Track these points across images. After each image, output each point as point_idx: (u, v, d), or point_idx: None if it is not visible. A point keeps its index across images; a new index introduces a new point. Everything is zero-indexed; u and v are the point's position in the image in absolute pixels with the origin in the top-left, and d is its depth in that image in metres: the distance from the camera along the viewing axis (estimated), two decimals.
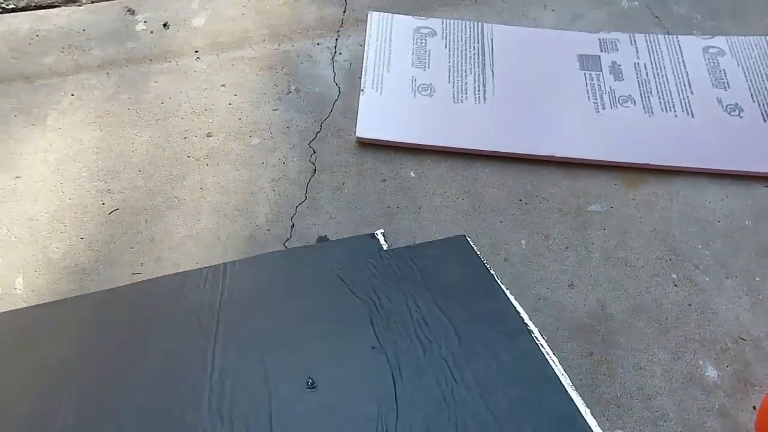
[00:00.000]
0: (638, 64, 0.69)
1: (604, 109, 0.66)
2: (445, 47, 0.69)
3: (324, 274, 0.49)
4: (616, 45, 0.70)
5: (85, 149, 0.59)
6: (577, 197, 0.62)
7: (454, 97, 0.65)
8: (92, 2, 0.70)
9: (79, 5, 0.70)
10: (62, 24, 0.67)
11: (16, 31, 0.66)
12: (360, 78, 0.65)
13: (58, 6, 0.70)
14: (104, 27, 0.68)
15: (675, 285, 0.57)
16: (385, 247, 0.53)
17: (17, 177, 0.57)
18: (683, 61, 0.69)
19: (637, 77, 0.68)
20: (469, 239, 0.54)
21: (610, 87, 0.67)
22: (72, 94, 0.63)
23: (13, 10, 0.69)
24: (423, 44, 0.69)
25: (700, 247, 0.59)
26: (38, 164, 0.58)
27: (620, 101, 0.66)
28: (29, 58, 0.64)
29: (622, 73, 0.68)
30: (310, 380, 0.42)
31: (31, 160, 0.58)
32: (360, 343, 0.44)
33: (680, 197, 0.61)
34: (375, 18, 0.70)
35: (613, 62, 0.69)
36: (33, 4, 0.70)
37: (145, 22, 0.68)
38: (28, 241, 0.54)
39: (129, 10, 0.69)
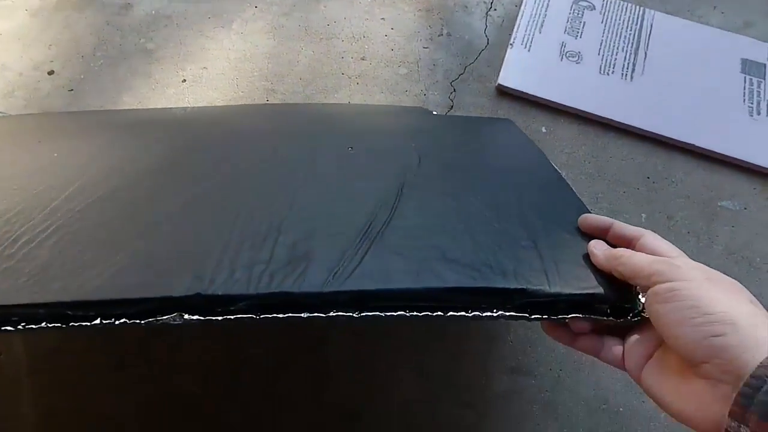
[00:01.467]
0: None
1: (759, 114, 0.61)
2: (602, 22, 0.67)
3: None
4: None
5: (260, 53, 0.66)
6: (710, 190, 0.58)
7: (600, 69, 0.63)
8: None
9: None
10: None
11: None
12: (510, 34, 0.66)
13: None
14: None
15: None
16: None
17: (204, 68, 0.64)
18: None
19: None
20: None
21: None
22: (256, 6, 0.69)
23: None
24: (580, 15, 0.67)
25: None
26: (221, 60, 0.65)
27: None
28: None
29: None
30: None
31: (216, 56, 0.65)
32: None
33: None
34: None
35: None
36: None
37: None
38: None
39: None
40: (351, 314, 0.28)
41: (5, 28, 0.67)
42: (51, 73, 0.64)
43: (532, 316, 0.29)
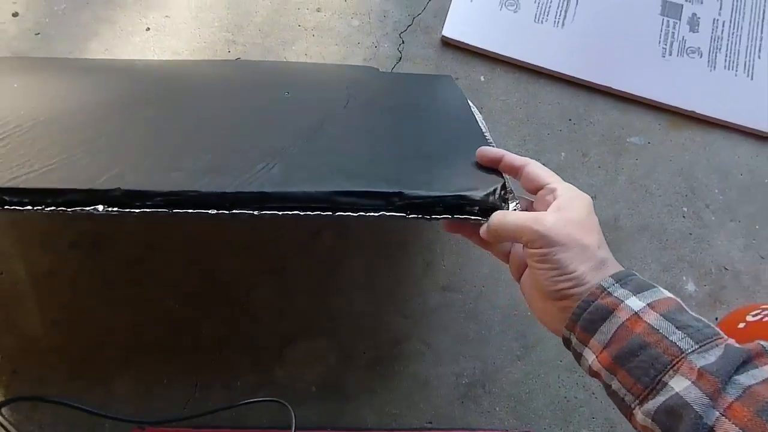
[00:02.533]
0: (717, 20, 0.68)
1: (670, 55, 0.67)
2: None
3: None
4: None
5: (220, 3, 0.66)
6: (621, 128, 0.65)
7: (535, 18, 0.68)
8: None
9: None
10: None
11: None
12: None
13: None
14: None
15: (683, 216, 0.62)
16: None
17: (166, 16, 0.65)
18: (762, 26, 0.68)
19: (712, 33, 0.68)
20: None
21: (683, 37, 0.67)
22: None
23: None
24: None
25: (716, 191, 0.63)
26: (183, 9, 0.66)
27: (688, 51, 0.67)
28: None
29: (698, 25, 0.68)
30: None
31: (179, 4, 0.66)
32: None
33: (714, 147, 0.64)
34: None
35: (694, 14, 0.68)
36: None
37: None
38: None
39: None
40: (252, 212, 0.32)
41: None
42: (15, 15, 0.64)
43: (409, 216, 0.33)
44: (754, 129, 0.64)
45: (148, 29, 0.65)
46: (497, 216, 0.34)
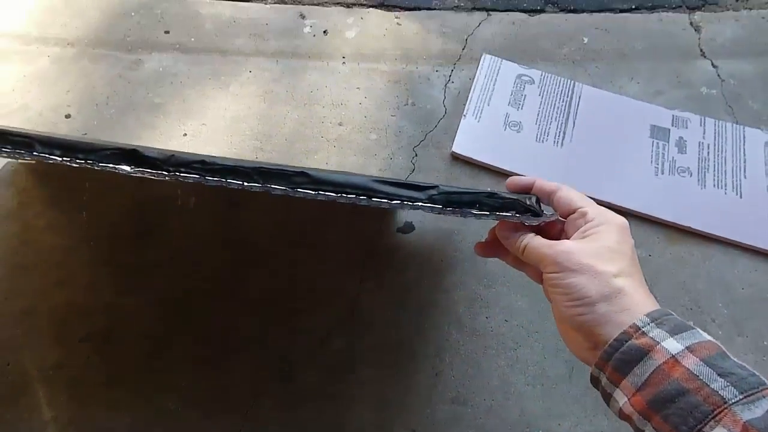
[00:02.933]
0: (702, 143, 0.74)
1: (663, 174, 0.72)
2: (539, 95, 0.77)
3: None
4: (686, 123, 0.75)
5: (251, 114, 0.73)
6: None
7: (536, 137, 0.74)
8: (275, 3, 0.85)
9: (266, 4, 0.84)
10: (253, 16, 0.82)
11: (221, 15, 0.81)
12: (464, 105, 0.75)
13: (251, 2, 0.85)
14: (281, 25, 0.82)
15: None
16: None
17: (203, 124, 0.72)
18: (744, 149, 0.73)
19: (699, 154, 0.73)
20: None
21: (673, 157, 0.73)
22: (250, 71, 0.77)
23: None
24: (521, 89, 0.78)
25: (720, 305, 0.63)
26: (218, 118, 0.72)
27: (678, 171, 0.72)
28: (226, 38, 0.79)
29: (686, 147, 0.74)
30: None
31: (214, 114, 0.73)
32: None
33: (713, 261, 0.66)
34: (487, 59, 0.80)
35: (680, 137, 0.74)
36: None
37: (311, 26, 0.82)
38: None
39: (301, 15, 0.83)
40: (287, 189, 0.34)
41: (28, 71, 0.73)
42: (68, 116, 0.71)
43: (447, 209, 0.34)
44: (750, 245, 0.67)
45: (185, 135, 0.71)
46: (526, 238, 0.35)
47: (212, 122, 0.72)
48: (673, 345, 0.27)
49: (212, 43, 0.78)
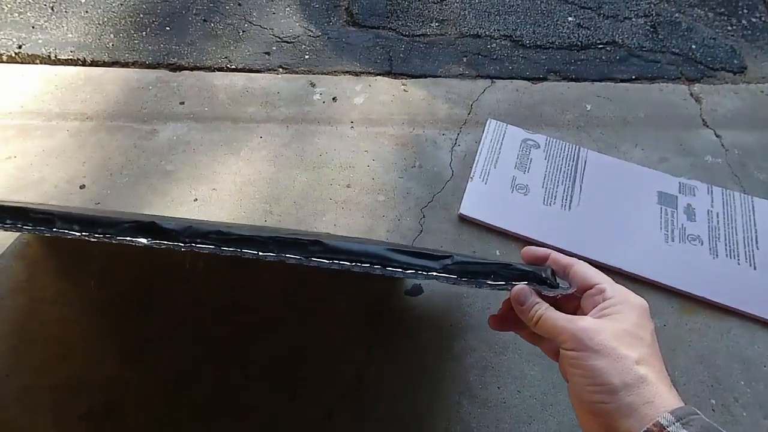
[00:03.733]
0: (711, 211, 0.73)
1: (673, 241, 0.70)
2: (545, 159, 0.78)
3: None
4: (693, 191, 0.75)
5: (261, 178, 0.74)
6: None
7: (544, 200, 0.73)
8: (286, 73, 0.88)
9: (278, 74, 0.88)
10: (264, 85, 0.85)
11: (234, 86, 0.84)
12: (471, 168, 0.76)
13: (264, 72, 0.88)
14: (292, 93, 0.84)
15: (712, 410, 0.58)
16: None
17: (214, 189, 0.72)
18: (754, 219, 0.72)
19: (708, 223, 0.72)
20: None
21: (682, 224, 0.72)
22: (261, 137, 0.79)
23: (234, 70, 0.88)
24: (527, 152, 0.78)
25: (742, 383, 0.60)
26: (229, 183, 0.73)
27: (689, 239, 0.70)
28: (238, 106, 0.82)
29: (695, 215, 0.72)
30: None
31: (225, 179, 0.73)
32: None
33: (731, 335, 0.63)
34: (492, 124, 0.81)
35: (689, 204, 0.74)
36: (247, 68, 0.89)
37: (320, 94, 0.84)
38: None
39: (311, 84, 0.86)
40: (300, 258, 0.33)
41: (48, 145, 0.75)
42: (82, 187, 0.71)
43: (462, 280, 0.34)
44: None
45: (196, 200, 0.71)
46: (542, 308, 0.33)
47: (223, 187, 0.73)
48: None
49: (225, 112, 0.81)
